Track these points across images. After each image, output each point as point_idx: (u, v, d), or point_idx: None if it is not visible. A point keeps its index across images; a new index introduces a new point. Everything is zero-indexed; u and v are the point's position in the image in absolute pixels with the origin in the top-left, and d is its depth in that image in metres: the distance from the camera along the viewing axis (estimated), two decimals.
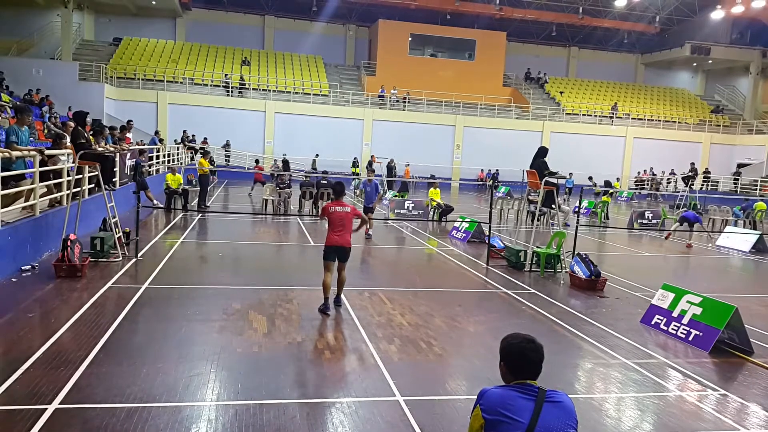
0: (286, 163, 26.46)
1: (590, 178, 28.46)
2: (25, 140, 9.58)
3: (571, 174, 30.85)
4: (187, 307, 7.56)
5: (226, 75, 36.35)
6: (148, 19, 39.39)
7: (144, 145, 21.67)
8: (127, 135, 18.16)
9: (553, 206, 12.05)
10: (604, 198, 21.69)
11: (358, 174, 29.20)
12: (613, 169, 38.14)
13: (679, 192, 30.93)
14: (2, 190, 8.42)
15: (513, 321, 7.81)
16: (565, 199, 24.85)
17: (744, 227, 19.79)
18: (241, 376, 5.47)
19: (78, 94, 29.41)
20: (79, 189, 10.55)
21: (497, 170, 35.90)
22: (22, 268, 8.70)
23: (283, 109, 35.55)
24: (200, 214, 16.79)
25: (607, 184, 23.22)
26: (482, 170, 37.52)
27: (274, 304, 7.87)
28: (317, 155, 33.87)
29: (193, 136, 31.20)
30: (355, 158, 34.19)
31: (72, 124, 11.91)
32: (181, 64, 37.18)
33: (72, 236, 8.83)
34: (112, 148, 13.47)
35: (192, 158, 27.12)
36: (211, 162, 30.30)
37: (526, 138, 36.77)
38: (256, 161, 28.52)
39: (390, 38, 40.26)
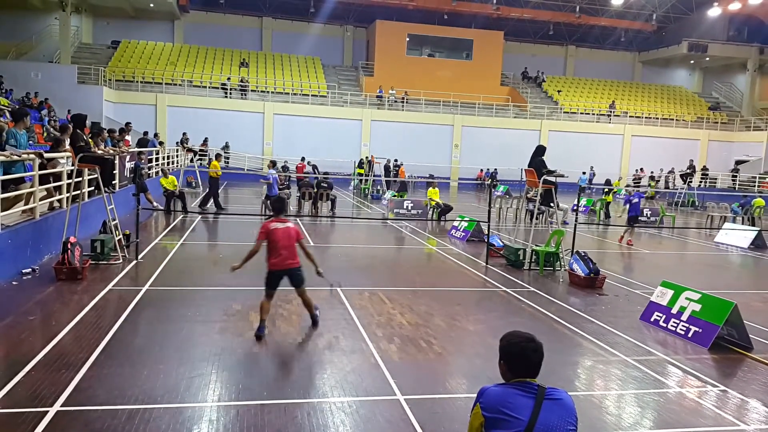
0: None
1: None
2: (23, 143, 9.59)
3: (592, 167, 30.68)
4: (188, 309, 7.58)
5: (228, 78, 36.28)
6: (146, 21, 39.38)
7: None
8: (126, 137, 18.18)
9: (552, 204, 12.05)
10: (607, 197, 21.68)
11: (362, 174, 29.08)
12: (611, 167, 38.18)
13: (677, 189, 30.95)
14: (2, 193, 8.43)
15: (512, 319, 7.83)
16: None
17: (743, 223, 19.83)
18: (241, 376, 5.49)
19: (77, 97, 29.39)
20: (78, 192, 10.56)
21: (496, 169, 35.91)
22: (23, 271, 8.70)
23: (281, 110, 35.54)
24: (200, 216, 16.79)
25: (607, 182, 23.23)
26: (481, 169, 37.54)
27: (274, 305, 7.84)
28: (367, 156, 33.38)
29: (205, 141, 30.92)
30: (361, 159, 33.86)
31: (69, 126, 11.90)
32: (180, 66, 37.17)
33: (72, 239, 8.84)
34: (111, 151, 13.48)
35: (191, 160, 27.10)
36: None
37: (525, 137, 36.78)
38: (302, 158, 27.77)
39: (387, 38, 40.26)
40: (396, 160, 29.33)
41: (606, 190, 21.76)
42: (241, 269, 6.66)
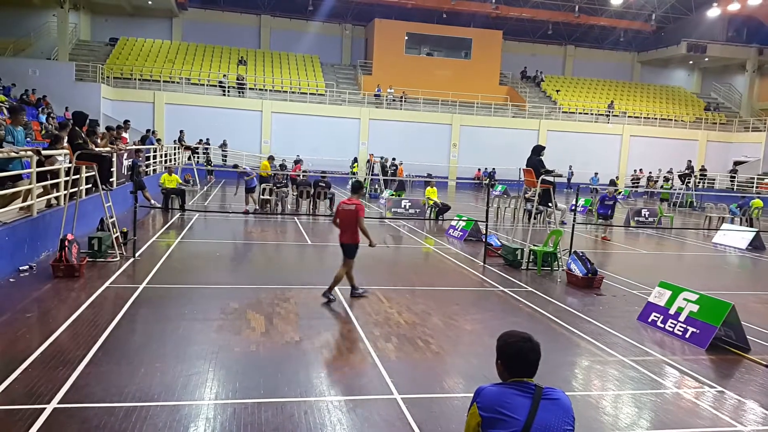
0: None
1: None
2: (21, 140, 9.57)
3: (570, 166, 30.52)
4: (185, 307, 7.57)
5: (224, 75, 36.27)
6: (144, 19, 39.34)
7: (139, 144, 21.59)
8: (123, 135, 18.14)
9: (550, 204, 12.05)
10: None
11: (356, 173, 29.14)
12: (609, 167, 38.23)
13: (676, 190, 31.00)
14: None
15: (510, 319, 7.83)
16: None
17: (741, 224, 19.86)
18: (239, 375, 5.48)
19: (75, 94, 29.36)
20: (76, 189, 10.54)
21: (494, 169, 35.94)
22: (20, 268, 8.68)
23: (279, 108, 35.53)
24: (197, 214, 16.76)
25: (612, 183, 23.26)
26: (479, 169, 37.57)
27: (272, 304, 7.88)
28: (403, 159, 32.64)
29: (201, 141, 30.89)
30: (355, 158, 33.98)
31: (69, 123, 11.88)
32: (178, 64, 37.12)
33: (69, 236, 8.82)
34: (109, 148, 13.46)
35: (189, 158, 27.06)
36: (209, 162, 30.31)
37: (523, 136, 36.79)
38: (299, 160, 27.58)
39: (386, 37, 40.25)
40: (394, 159, 29.33)
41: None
42: (240, 269, 6.65)
